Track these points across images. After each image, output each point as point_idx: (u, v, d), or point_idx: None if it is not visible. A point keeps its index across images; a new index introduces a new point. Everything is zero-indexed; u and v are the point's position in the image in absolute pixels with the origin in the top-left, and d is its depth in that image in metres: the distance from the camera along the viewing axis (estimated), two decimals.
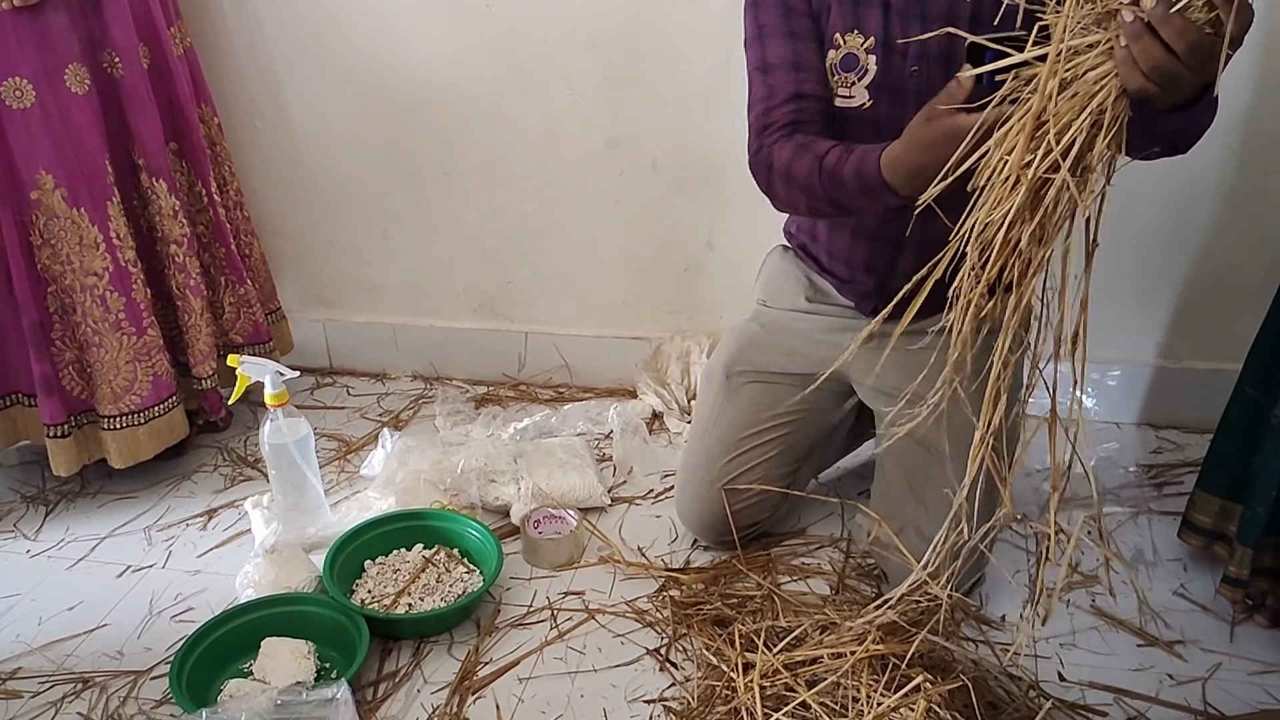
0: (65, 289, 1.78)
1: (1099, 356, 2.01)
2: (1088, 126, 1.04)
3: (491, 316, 2.31)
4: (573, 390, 2.30)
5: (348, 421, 2.21)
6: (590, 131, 2.05)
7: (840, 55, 1.46)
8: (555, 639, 1.58)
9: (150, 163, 1.85)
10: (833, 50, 1.46)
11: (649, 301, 2.20)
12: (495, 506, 1.85)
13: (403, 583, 1.66)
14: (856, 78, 1.45)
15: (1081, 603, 1.61)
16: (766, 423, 1.67)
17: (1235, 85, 1.76)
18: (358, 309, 2.37)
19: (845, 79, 1.46)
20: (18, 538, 1.86)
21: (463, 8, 1.98)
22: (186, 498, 1.96)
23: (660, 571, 1.70)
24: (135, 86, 1.80)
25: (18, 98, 1.67)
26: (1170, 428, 2.06)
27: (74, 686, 1.52)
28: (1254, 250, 1.87)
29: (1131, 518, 1.80)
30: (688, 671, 1.50)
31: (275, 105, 2.16)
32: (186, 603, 1.69)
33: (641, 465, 1.97)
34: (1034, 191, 1.08)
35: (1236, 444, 1.53)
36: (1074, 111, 1.04)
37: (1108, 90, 1.04)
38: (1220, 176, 1.84)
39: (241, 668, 1.52)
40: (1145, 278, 1.95)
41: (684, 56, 1.94)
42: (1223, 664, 1.49)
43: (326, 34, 2.06)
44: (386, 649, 1.57)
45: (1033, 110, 1.06)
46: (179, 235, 1.90)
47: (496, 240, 2.21)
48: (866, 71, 1.45)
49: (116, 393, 1.83)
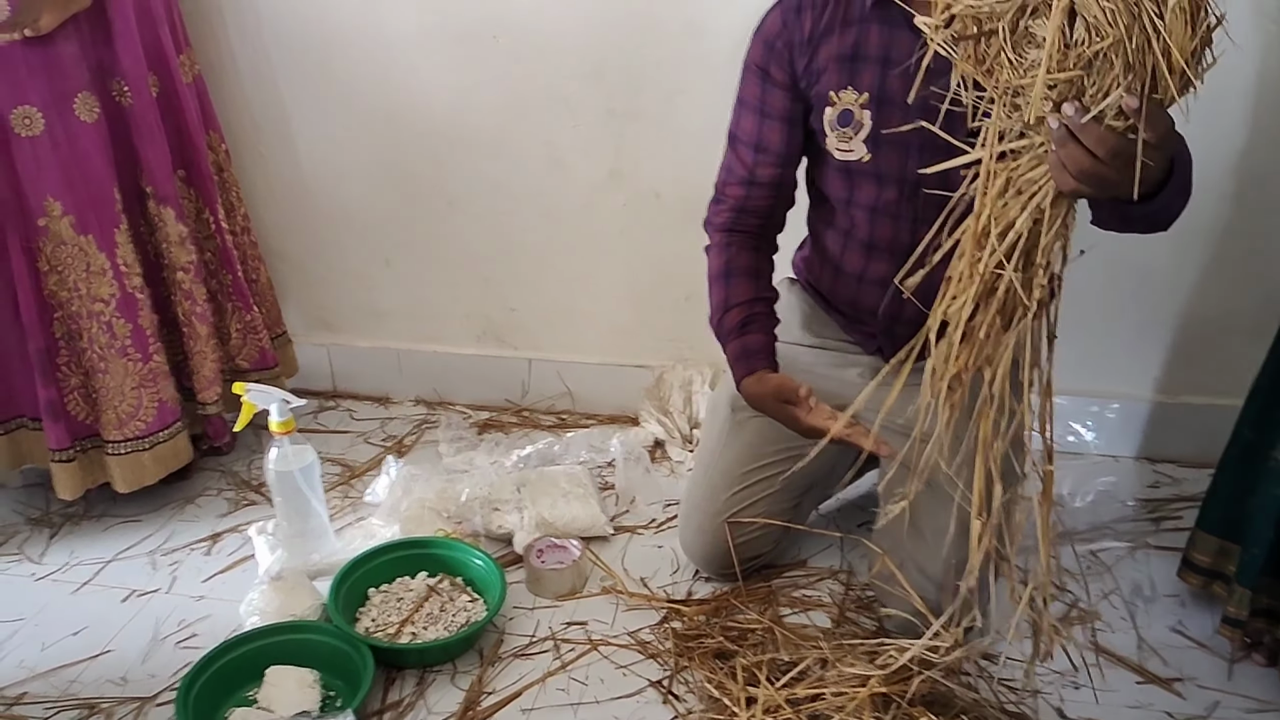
0: (72, 315, 1.79)
1: (1098, 391, 2.05)
2: (1029, 225, 1.12)
3: (495, 343, 2.32)
4: (575, 417, 2.31)
5: (351, 446, 2.22)
6: (594, 162, 2.07)
7: (837, 112, 1.49)
8: (558, 669, 1.59)
9: (158, 190, 1.86)
10: (829, 108, 1.50)
11: (651, 330, 2.22)
12: (499, 535, 1.86)
13: (406, 611, 1.67)
14: (853, 132, 1.49)
15: (1082, 639, 1.62)
16: (771, 457, 1.69)
17: (1230, 127, 1.79)
18: (361, 334, 2.39)
19: (844, 134, 1.49)
20: (23, 560, 1.87)
21: (470, 39, 2.00)
22: (190, 522, 1.97)
23: (662, 603, 1.71)
24: (144, 115, 1.82)
25: (27, 126, 1.68)
26: (1167, 462, 2.07)
27: (79, 713, 1.53)
28: (1249, 289, 1.89)
29: (1129, 552, 1.81)
30: (690, 704, 1.51)
31: (281, 133, 2.18)
32: (191, 629, 1.70)
33: (644, 494, 1.98)
34: (988, 286, 1.16)
35: (1234, 485, 1.55)
36: (1017, 210, 1.12)
37: (1045, 191, 1.11)
38: (1215, 217, 1.86)
39: (246, 696, 1.53)
40: (1143, 314, 1.98)
41: (686, 89, 1.96)
42: (1221, 702, 1.51)
43: (334, 63, 2.08)
44: (390, 678, 1.57)
45: (976, 212, 1.14)
46: (186, 262, 1.92)
47: (500, 268, 2.23)
48: (862, 126, 1.48)
49: (122, 418, 1.85)
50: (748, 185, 1.60)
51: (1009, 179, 1.14)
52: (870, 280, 1.60)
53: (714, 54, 1.90)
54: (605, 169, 2.07)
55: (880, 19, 1.45)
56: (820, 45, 1.49)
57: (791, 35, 1.50)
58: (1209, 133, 1.78)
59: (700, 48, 1.91)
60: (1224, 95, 1.77)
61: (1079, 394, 2.06)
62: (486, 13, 1.97)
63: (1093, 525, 1.88)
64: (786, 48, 1.51)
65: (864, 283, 1.61)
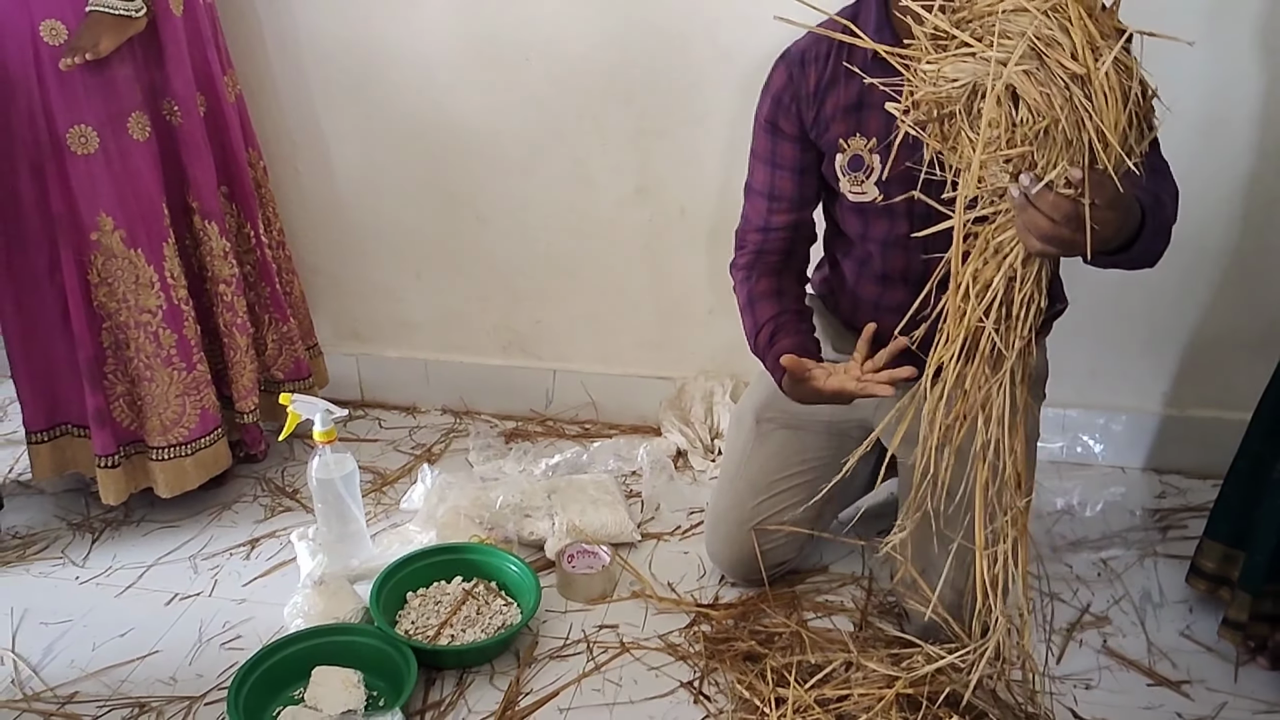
0: (120, 325, 1.85)
1: (1107, 404, 2.12)
2: (1005, 283, 1.24)
3: (521, 354, 2.39)
4: (599, 427, 2.37)
5: (381, 454, 2.28)
6: (621, 179, 2.14)
7: (847, 158, 1.56)
8: (592, 671, 1.65)
9: (203, 206, 1.93)
10: (840, 154, 1.57)
11: (674, 343, 2.28)
12: (531, 541, 1.93)
13: (444, 614, 1.72)
14: (865, 176, 1.56)
15: (1094, 643, 1.69)
16: (795, 468, 1.75)
17: (1238, 153, 1.86)
18: (391, 344, 2.45)
19: (855, 178, 1.57)
20: (66, 564, 1.93)
21: (503, 60, 2.07)
22: (229, 527, 2.03)
23: (691, 607, 1.77)
24: (192, 134, 1.89)
25: (83, 144, 1.75)
26: (1174, 473, 2.13)
27: (131, 712, 1.59)
28: (1255, 307, 1.96)
29: (1138, 560, 1.88)
30: (720, 704, 1.57)
31: (317, 150, 2.24)
32: (235, 630, 1.76)
33: (669, 502, 2.05)
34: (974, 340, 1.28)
35: (1241, 495, 1.62)
36: (993, 270, 1.24)
37: (1015, 252, 1.23)
38: (1224, 238, 1.93)
39: (293, 695, 1.58)
40: (1152, 331, 2.04)
41: (712, 111, 2.03)
42: (1228, 703, 1.57)
43: (369, 83, 2.15)
44: (430, 679, 1.63)
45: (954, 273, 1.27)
46: (228, 275, 1.98)
47: (527, 281, 2.30)
48: (872, 170, 1.55)
49: (166, 425, 1.91)
50: (764, 231, 1.68)
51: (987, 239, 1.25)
52: (886, 308, 1.67)
53: (739, 78, 1.97)
54: (631, 186, 2.14)
55: (882, 68, 1.52)
56: (826, 97, 1.56)
57: (798, 89, 1.57)
58: (1219, 158, 1.87)
59: (726, 73, 1.98)
60: (1232, 122, 1.84)
61: (1089, 407, 2.13)
62: (520, 35, 2.04)
63: (1103, 534, 1.94)
64: (794, 101, 1.57)
65: (880, 310, 1.67)
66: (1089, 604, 1.77)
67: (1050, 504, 2.00)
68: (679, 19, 1.97)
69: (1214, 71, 1.81)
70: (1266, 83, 1.80)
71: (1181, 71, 1.80)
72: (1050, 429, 2.13)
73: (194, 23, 1.88)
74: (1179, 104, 1.81)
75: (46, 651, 1.71)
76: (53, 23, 1.68)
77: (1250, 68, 1.80)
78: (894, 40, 1.49)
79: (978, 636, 1.48)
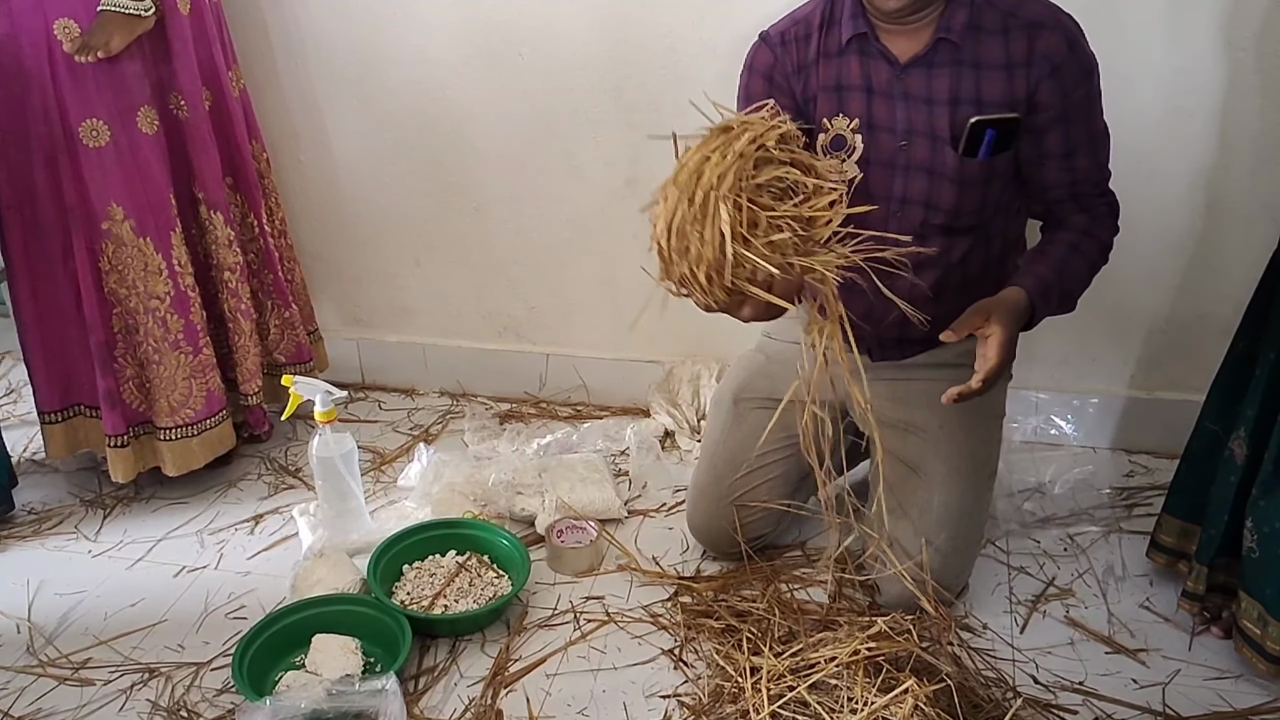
0: (129, 311, 1.94)
1: (1078, 387, 2.19)
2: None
3: (515, 339, 2.47)
4: (590, 409, 2.45)
5: (380, 434, 2.36)
6: (611, 171, 2.21)
7: (830, 137, 1.63)
8: (578, 639, 1.73)
9: (209, 196, 2.01)
10: (822, 134, 1.64)
11: (662, 328, 2.35)
12: (522, 517, 2.01)
13: (439, 586, 1.81)
14: (846, 155, 1.62)
15: (1057, 614, 1.77)
16: (771, 445, 1.81)
17: (1201, 145, 1.93)
18: (390, 329, 2.53)
19: (837, 157, 1.63)
20: (79, 539, 2.01)
21: (497, 56, 2.14)
22: (234, 504, 2.11)
23: (673, 579, 1.85)
24: (198, 126, 1.96)
25: (94, 137, 1.82)
26: (1142, 453, 2.20)
27: (141, 676, 1.67)
28: (1219, 294, 2.03)
29: (1104, 536, 1.95)
30: (699, 670, 1.65)
31: (318, 142, 2.32)
32: (239, 601, 1.84)
33: (655, 480, 2.13)
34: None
35: (1196, 472, 1.69)
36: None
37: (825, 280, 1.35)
38: (1188, 228, 2.00)
39: (294, 661, 1.66)
40: (1121, 317, 2.11)
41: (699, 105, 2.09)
42: (1181, 670, 1.65)
43: (369, 78, 2.22)
44: (425, 646, 1.71)
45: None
46: (233, 263, 2.06)
47: (522, 269, 2.37)
48: (855, 149, 1.62)
49: (173, 406, 1.99)
50: None
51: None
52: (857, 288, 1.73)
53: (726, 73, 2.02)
54: (622, 178, 2.21)
55: (859, 51, 1.59)
56: (810, 75, 1.63)
57: (785, 66, 1.64)
58: (1184, 150, 1.94)
59: (714, 68, 2.04)
60: (1196, 115, 1.91)
61: (1060, 390, 2.20)
62: (514, 32, 2.11)
63: (1071, 511, 2.01)
64: (785, 78, 1.65)
65: (853, 291, 1.74)
66: (1054, 577, 1.85)
67: (1022, 482, 2.07)
68: (666, 13, 2.04)
69: (1175, 63, 1.88)
70: (1227, 74, 1.87)
71: (1144, 63, 1.87)
72: (1023, 410, 2.20)
73: (200, 20, 1.95)
74: (1142, 95, 1.90)
75: (61, 620, 1.79)
76: (66, 21, 1.76)
77: (1211, 59, 1.87)
78: (868, 26, 1.57)
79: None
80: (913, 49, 1.56)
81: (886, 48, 1.57)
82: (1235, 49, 1.85)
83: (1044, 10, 1.54)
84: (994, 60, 1.54)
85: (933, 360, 1.77)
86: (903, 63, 1.56)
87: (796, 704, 1.48)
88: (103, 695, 1.64)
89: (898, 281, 1.57)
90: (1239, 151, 1.93)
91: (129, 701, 1.62)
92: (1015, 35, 1.53)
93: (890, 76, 1.58)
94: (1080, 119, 1.57)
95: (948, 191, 1.60)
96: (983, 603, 1.80)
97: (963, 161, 1.57)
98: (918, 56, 1.56)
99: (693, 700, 1.59)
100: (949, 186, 1.59)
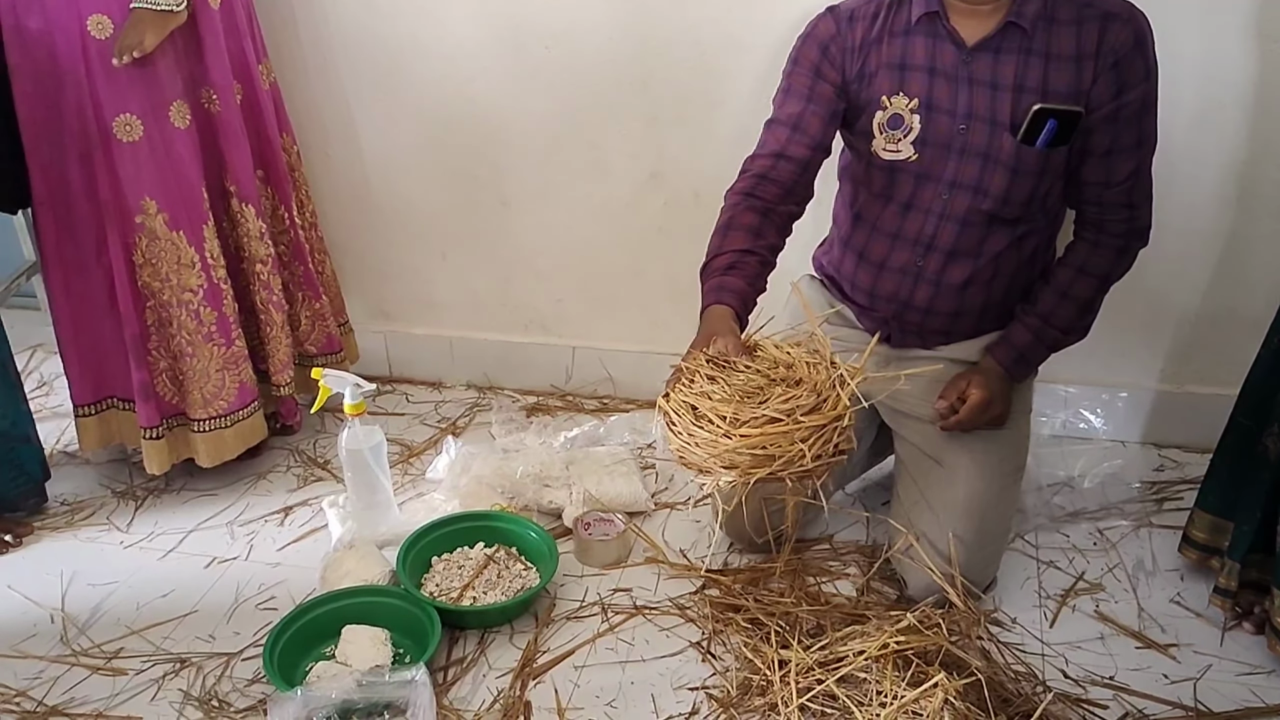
0: (163, 304, 1.95)
1: (1107, 380, 2.18)
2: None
3: (542, 332, 2.47)
4: (615, 401, 2.45)
5: (408, 427, 2.38)
6: (637, 165, 2.21)
7: (887, 115, 1.63)
8: (606, 631, 1.74)
9: (241, 189, 2.02)
10: (880, 111, 1.63)
11: (688, 321, 2.32)
12: (549, 509, 2.02)
13: (467, 578, 1.82)
14: (902, 135, 1.62)
15: (1086, 609, 1.77)
16: None
17: (1232, 138, 1.92)
18: (417, 322, 2.54)
19: (892, 136, 1.63)
20: (111, 530, 2.03)
21: (523, 50, 2.15)
22: (264, 495, 2.13)
23: (701, 572, 1.86)
24: (230, 121, 1.97)
25: (128, 132, 1.84)
26: (1172, 447, 2.20)
27: (173, 666, 1.69)
28: (1250, 287, 2.02)
29: (1134, 530, 1.95)
30: (727, 663, 1.66)
31: (347, 136, 2.33)
32: (269, 592, 1.86)
33: (681, 473, 2.13)
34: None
35: (1229, 468, 1.68)
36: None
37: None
38: (1219, 221, 1.99)
39: (324, 652, 1.68)
40: (1151, 310, 2.10)
41: (725, 99, 2.10)
42: (1213, 665, 1.64)
43: (397, 72, 2.23)
44: (454, 637, 1.73)
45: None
46: (264, 255, 2.07)
47: (548, 263, 2.38)
48: (911, 129, 1.62)
49: (206, 398, 2.01)
50: (777, 158, 1.67)
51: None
52: (891, 268, 1.73)
53: (751, 68, 2.04)
54: (647, 171, 2.21)
55: (926, 31, 1.59)
56: (871, 52, 1.63)
57: (845, 41, 1.64)
58: (1214, 142, 1.93)
59: (739, 62, 2.05)
60: (1227, 106, 1.90)
61: (1089, 383, 2.20)
62: (539, 26, 2.12)
63: (1100, 505, 2.01)
64: (840, 52, 1.64)
65: (885, 270, 1.74)
66: (1083, 572, 1.85)
67: (1051, 476, 2.07)
68: (692, 8, 2.04)
69: (1209, 58, 1.87)
70: (1260, 68, 1.86)
71: (1176, 54, 1.86)
72: (1052, 404, 2.20)
73: (231, 15, 1.96)
74: (1176, 90, 1.88)
75: (94, 611, 1.81)
76: (99, 18, 1.77)
77: (1245, 54, 1.86)
78: (940, 5, 1.57)
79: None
80: (981, 32, 1.56)
81: (955, 29, 1.57)
82: (1269, 40, 1.83)
83: (1121, 4, 1.54)
84: (1064, 51, 1.54)
85: (954, 356, 1.77)
86: (970, 46, 1.56)
87: (825, 697, 1.49)
88: (135, 685, 1.66)
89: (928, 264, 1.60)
90: (1271, 144, 1.91)
91: (161, 691, 1.64)
92: (1088, 26, 1.53)
93: (956, 59, 1.57)
94: (1131, 120, 1.57)
95: (1000, 177, 1.60)
96: (1012, 597, 1.79)
97: (1020, 148, 1.57)
98: (985, 40, 1.56)
99: (721, 693, 1.60)
100: (1002, 172, 1.59)
